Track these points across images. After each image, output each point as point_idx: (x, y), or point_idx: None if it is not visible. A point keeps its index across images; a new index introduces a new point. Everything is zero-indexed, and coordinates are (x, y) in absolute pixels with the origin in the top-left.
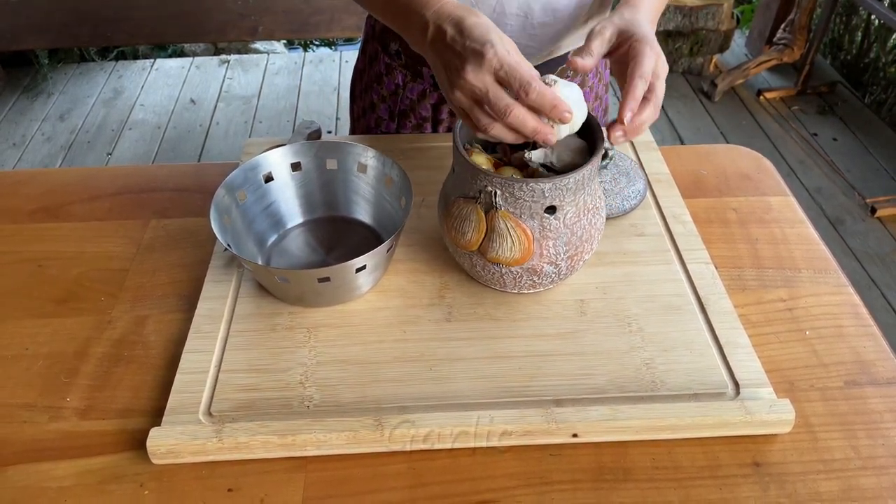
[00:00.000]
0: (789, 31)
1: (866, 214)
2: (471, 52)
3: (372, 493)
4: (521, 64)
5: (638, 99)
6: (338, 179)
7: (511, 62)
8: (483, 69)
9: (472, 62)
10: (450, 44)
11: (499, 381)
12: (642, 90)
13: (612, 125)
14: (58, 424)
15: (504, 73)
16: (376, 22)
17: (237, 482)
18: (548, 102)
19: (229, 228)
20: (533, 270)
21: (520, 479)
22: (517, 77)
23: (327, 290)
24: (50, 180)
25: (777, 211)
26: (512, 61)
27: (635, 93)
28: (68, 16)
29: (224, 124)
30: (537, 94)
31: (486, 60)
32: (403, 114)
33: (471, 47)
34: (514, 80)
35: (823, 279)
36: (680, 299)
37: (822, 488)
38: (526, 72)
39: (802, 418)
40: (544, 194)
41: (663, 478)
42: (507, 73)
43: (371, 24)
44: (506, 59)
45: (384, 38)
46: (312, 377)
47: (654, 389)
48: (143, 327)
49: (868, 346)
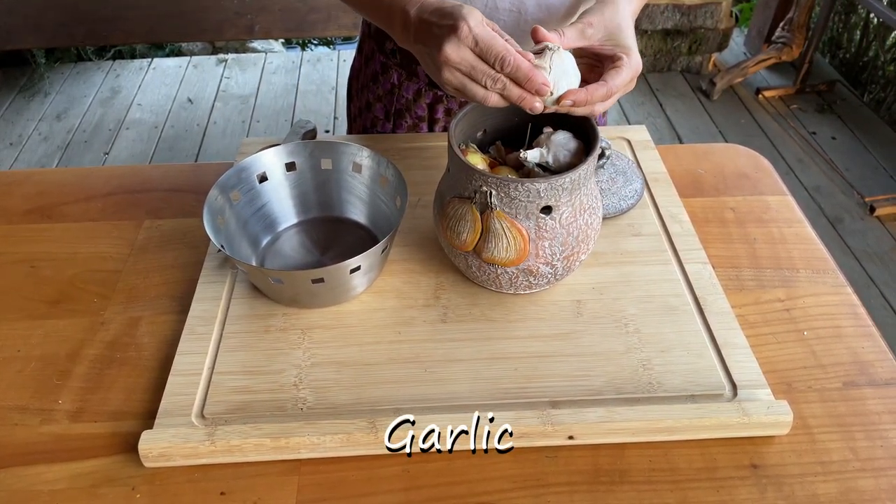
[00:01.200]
0: (788, 30)
1: (865, 213)
2: (447, 30)
3: (366, 495)
4: (495, 38)
5: (593, 98)
6: (332, 179)
7: (484, 36)
8: (462, 44)
9: (449, 39)
10: (428, 29)
11: (495, 382)
12: (602, 95)
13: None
14: (50, 427)
15: (479, 50)
16: None
17: (230, 485)
18: (523, 75)
19: (223, 229)
20: (529, 271)
21: (516, 481)
22: (492, 52)
23: (322, 291)
24: (44, 180)
25: (775, 210)
26: (485, 35)
27: (594, 93)
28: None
29: (222, 123)
30: (512, 66)
31: (462, 36)
32: (399, 113)
33: (446, 25)
34: (490, 55)
35: (822, 279)
36: (677, 299)
37: (820, 490)
38: (500, 45)
39: (800, 419)
40: (540, 194)
41: (660, 480)
42: (482, 48)
43: (367, 23)
44: (479, 33)
45: (380, 37)
46: (306, 379)
47: (651, 391)
48: (137, 329)
49: (867, 346)
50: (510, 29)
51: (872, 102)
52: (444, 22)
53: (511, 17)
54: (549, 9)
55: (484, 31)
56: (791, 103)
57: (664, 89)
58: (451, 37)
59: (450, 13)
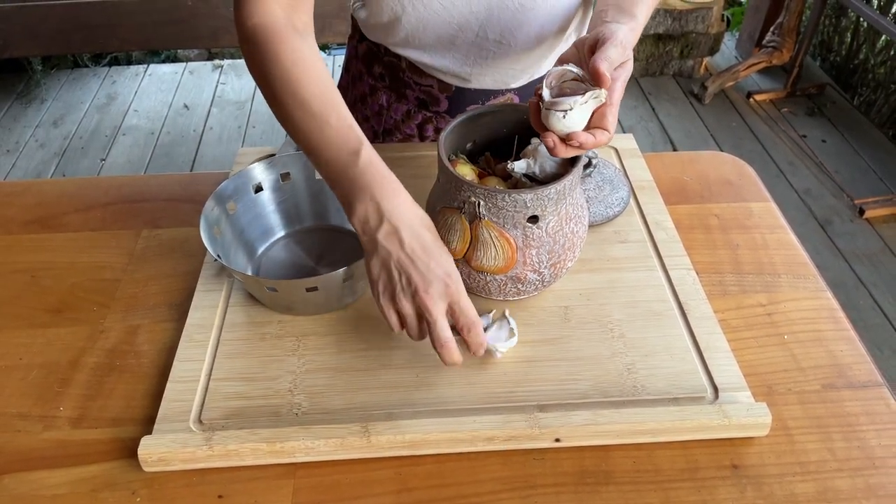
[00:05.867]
0: (778, 34)
1: (855, 215)
2: (435, 279)
3: (360, 498)
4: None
5: (599, 142)
6: (326, 189)
7: (465, 304)
8: (444, 300)
9: (435, 289)
10: (409, 254)
11: (484, 387)
12: (606, 140)
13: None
14: (51, 433)
15: (457, 309)
16: (359, 43)
17: (227, 489)
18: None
19: (219, 239)
20: (517, 278)
21: (504, 483)
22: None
23: (315, 299)
24: (43, 191)
25: (758, 217)
26: (466, 303)
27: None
28: (61, 22)
29: (218, 129)
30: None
31: (449, 293)
32: (388, 132)
33: (436, 273)
34: (465, 318)
35: (802, 284)
36: (662, 305)
37: (799, 490)
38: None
39: (780, 421)
40: (526, 204)
41: (644, 480)
42: (460, 310)
43: (354, 46)
44: (462, 299)
45: (368, 60)
46: (301, 385)
47: (636, 394)
48: (136, 337)
49: (845, 349)
50: (499, 58)
51: (863, 105)
52: (436, 269)
53: (499, 49)
54: (537, 37)
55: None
56: (782, 106)
57: (656, 93)
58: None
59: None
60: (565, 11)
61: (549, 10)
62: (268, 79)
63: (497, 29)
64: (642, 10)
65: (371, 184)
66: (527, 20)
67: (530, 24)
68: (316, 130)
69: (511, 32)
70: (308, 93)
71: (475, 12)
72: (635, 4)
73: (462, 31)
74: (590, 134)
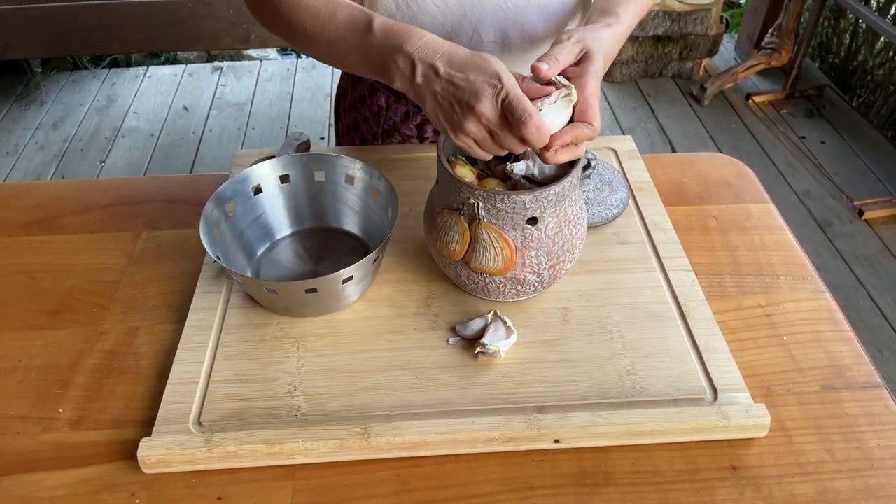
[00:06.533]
0: (777, 35)
1: (854, 216)
2: (481, 86)
3: (359, 499)
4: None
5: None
6: (326, 191)
7: (516, 94)
8: (495, 100)
9: (485, 95)
10: (448, 79)
11: (483, 388)
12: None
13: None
14: (51, 435)
15: (508, 102)
16: None
17: (226, 491)
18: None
19: (219, 241)
20: (516, 280)
21: (503, 484)
22: (518, 109)
23: (315, 300)
24: (42, 193)
25: (757, 218)
26: (516, 94)
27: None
28: (60, 24)
29: (217, 131)
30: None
31: (498, 92)
32: (388, 133)
33: (479, 82)
34: (516, 111)
35: (801, 285)
36: (660, 306)
37: (798, 491)
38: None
39: (779, 422)
40: (525, 206)
41: (643, 482)
42: (510, 103)
43: None
44: (512, 91)
45: None
46: (300, 386)
47: (635, 395)
48: (135, 338)
49: (844, 350)
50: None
51: (861, 106)
52: (477, 77)
53: (495, 49)
54: (532, 38)
55: (516, 90)
56: (781, 108)
57: (655, 95)
58: (487, 93)
59: (483, 67)
60: (561, 11)
61: (543, 11)
62: (286, 19)
63: (492, 30)
64: (626, 8)
65: (392, 42)
66: (522, 20)
67: (526, 24)
68: (335, 37)
69: (506, 33)
70: (315, 7)
71: (469, 13)
72: (618, 4)
73: (457, 32)
74: (567, 130)
